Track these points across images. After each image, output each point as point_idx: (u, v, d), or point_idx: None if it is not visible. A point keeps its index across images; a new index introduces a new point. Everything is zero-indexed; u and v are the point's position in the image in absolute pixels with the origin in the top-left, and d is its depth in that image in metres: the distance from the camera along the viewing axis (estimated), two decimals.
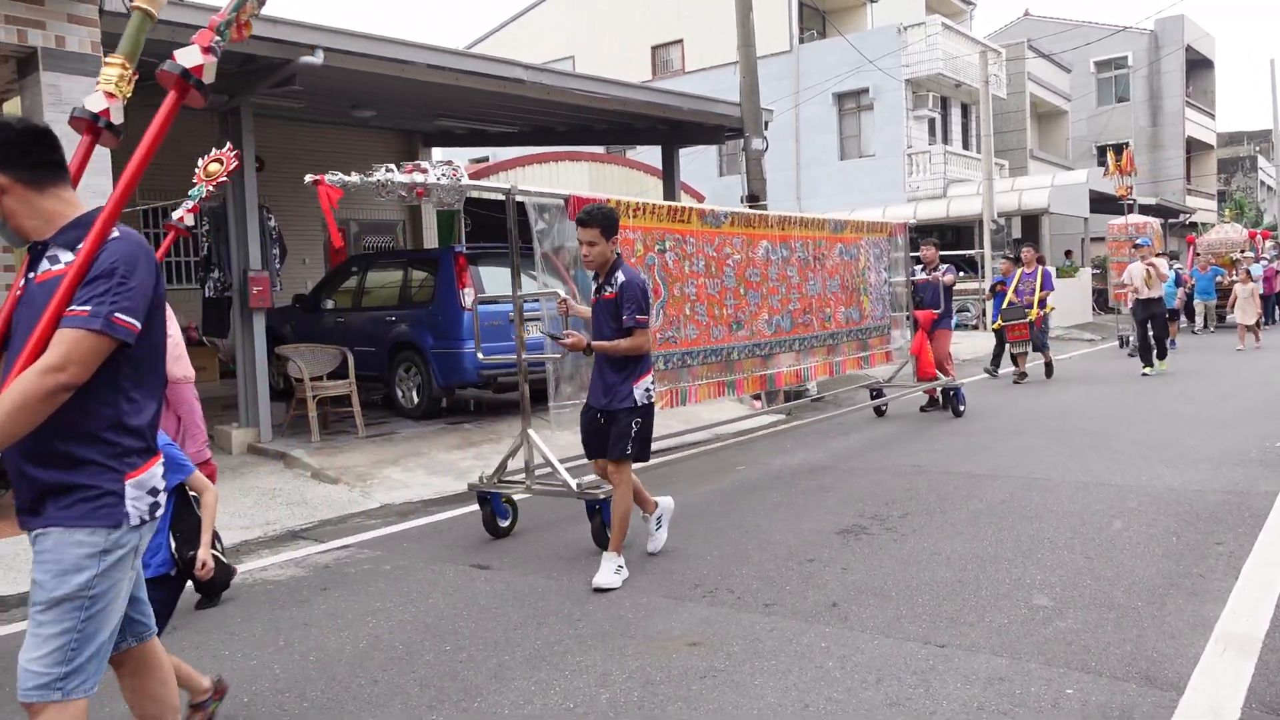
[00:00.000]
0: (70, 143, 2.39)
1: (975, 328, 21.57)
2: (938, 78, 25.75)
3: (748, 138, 11.10)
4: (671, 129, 12.73)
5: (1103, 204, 24.45)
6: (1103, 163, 32.67)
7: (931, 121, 26.78)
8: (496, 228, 17.88)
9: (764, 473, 7.39)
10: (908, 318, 10.30)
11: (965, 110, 28.18)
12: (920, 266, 10.44)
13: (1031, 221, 27.11)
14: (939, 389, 10.03)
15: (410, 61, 8.64)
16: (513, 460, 5.88)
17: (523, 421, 5.77)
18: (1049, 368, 13.04)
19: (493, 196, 12.34)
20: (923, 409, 10.27)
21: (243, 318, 8.65)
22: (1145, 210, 25.85)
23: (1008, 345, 12.94)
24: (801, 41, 27.49)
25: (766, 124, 11.66)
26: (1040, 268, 12.93)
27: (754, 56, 11.10)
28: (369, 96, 10.53)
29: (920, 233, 26.96)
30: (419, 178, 4.90)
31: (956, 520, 5.61)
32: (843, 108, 26.96)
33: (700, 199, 20.01)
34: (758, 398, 11.03)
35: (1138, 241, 13.21)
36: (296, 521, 6.23)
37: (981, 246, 22.07)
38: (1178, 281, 17.91)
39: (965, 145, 28.08)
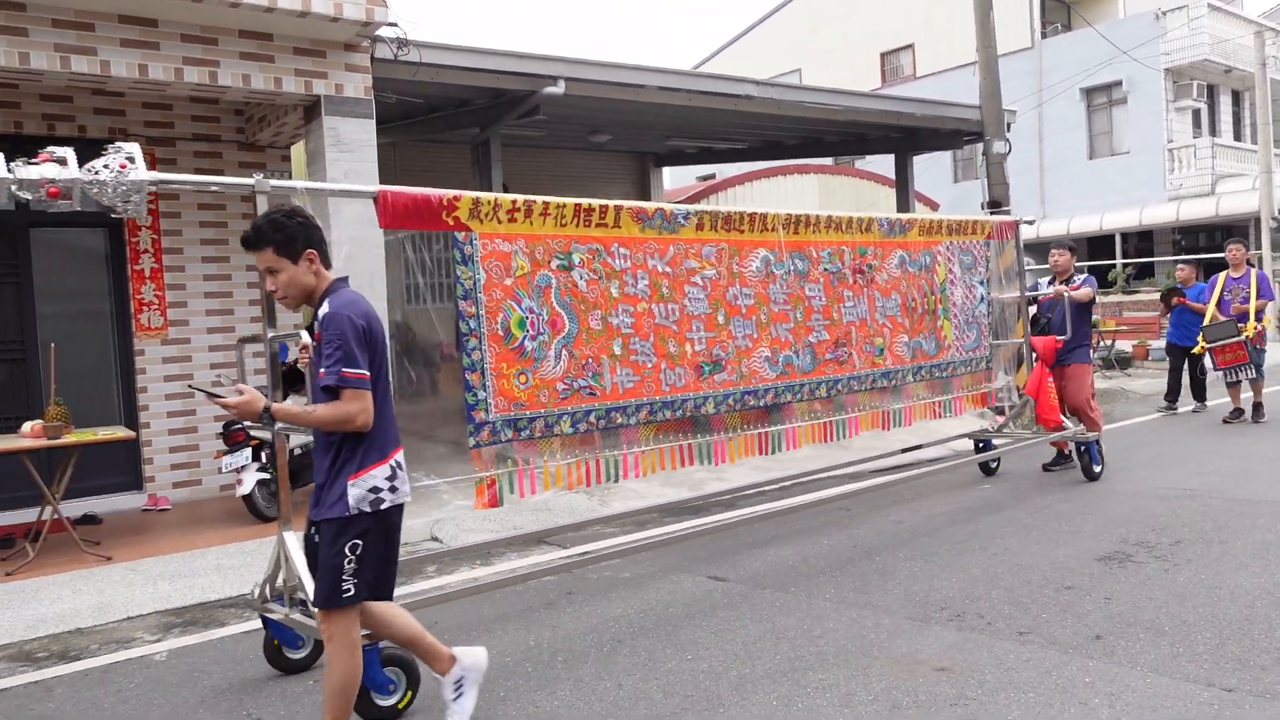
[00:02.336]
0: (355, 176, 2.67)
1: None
2: (1203, 64, 23.47)
3: (988, 141, 10.59)
4: (905, 136, 12.38)
5: None
6: None
7: (1196, 112, 24.44)
8: None
9: (1010, 491, 6.99)
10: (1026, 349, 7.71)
11: (1236, 98, 25.51)
12: (1048, 280, 7.98)
13: None
14: (1071, 441, 7.42)
15: (644, 85, 8.92)
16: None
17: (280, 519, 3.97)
18: (1258, 409, 9.66)
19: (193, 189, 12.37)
20: (1046, 467, 7.72)
21: None
22: None
23: (1220, 373, 9.72)
24: (1044, 36, 25.92)
25: (1009, 125, 11.09)
26: (1252, 270, 9.88)
27: (995, 57, 10.59)
28: (605, 120, 10.95)
29: (1183, 233, 24.59)
30: (53, 172, 3.55)
31: (1239, 551, 5.06)
32: (1092, 103, 25.13)
33: (935, 207, 19.27)
34: (1000, 411, 10.45)
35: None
36: (541, 526, 6.54)
37: (1259, 248, 19.85)
38: None
39: (1237, 136, 25.40)
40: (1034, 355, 7.45)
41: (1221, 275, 9.94)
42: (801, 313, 5.94)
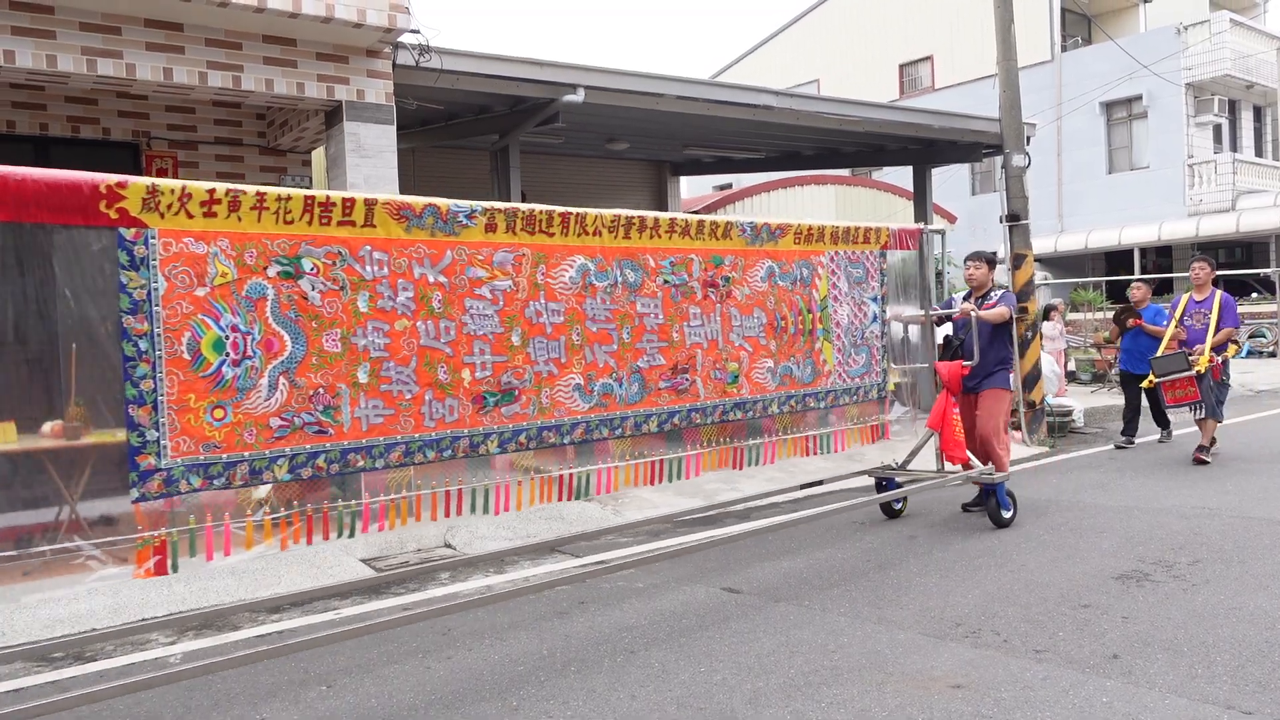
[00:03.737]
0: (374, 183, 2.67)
1: (1273, 355, 19.26)
2: (1225, 79, 23.34)
3: (1008, 154, 10.54)
4: (923, 148, 12.35)
5: None
6: None
7: (1217, 128, 24.29)
8: None
9: (1027, 508, 6.93)
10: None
11: (1258, 113, 25.36)
12: (963, 296, 7.02)
13: None
14: (980, 479, 6.36)
15: (662, 94, 8.94)
16: None
17: None
18: (1203, 449, 8.42)
19: None
20: (965, 507, 6.84)
21: None
22: None
23: (1165, 409, 8.84)
24: (1064, 49, 25.84)
25: (1028, 139, 11.04)
26: (1217, 292, 8.51)
27: (1015, 70, 10.55)
28: (623, 129, 10.98)
29: (1202, 249, 24.52)
30: None
31: (1260, 572, 5.01)
32: (1111, 117, 25.02)
33: (952, 220, 19.22)
34: (1016, 427, 10.40)
35: None
36: (554, 535, 6.53)
37: (1279, 265, 19.69)
38: None
39: (1259, 152, 25.23)
40: (938, 383, 6.53)
41: (1183, 297, 8.78)
42: (630, 333, 4.99)
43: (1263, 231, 21.61)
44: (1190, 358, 8.26)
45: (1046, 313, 12.79)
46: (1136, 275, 23.99)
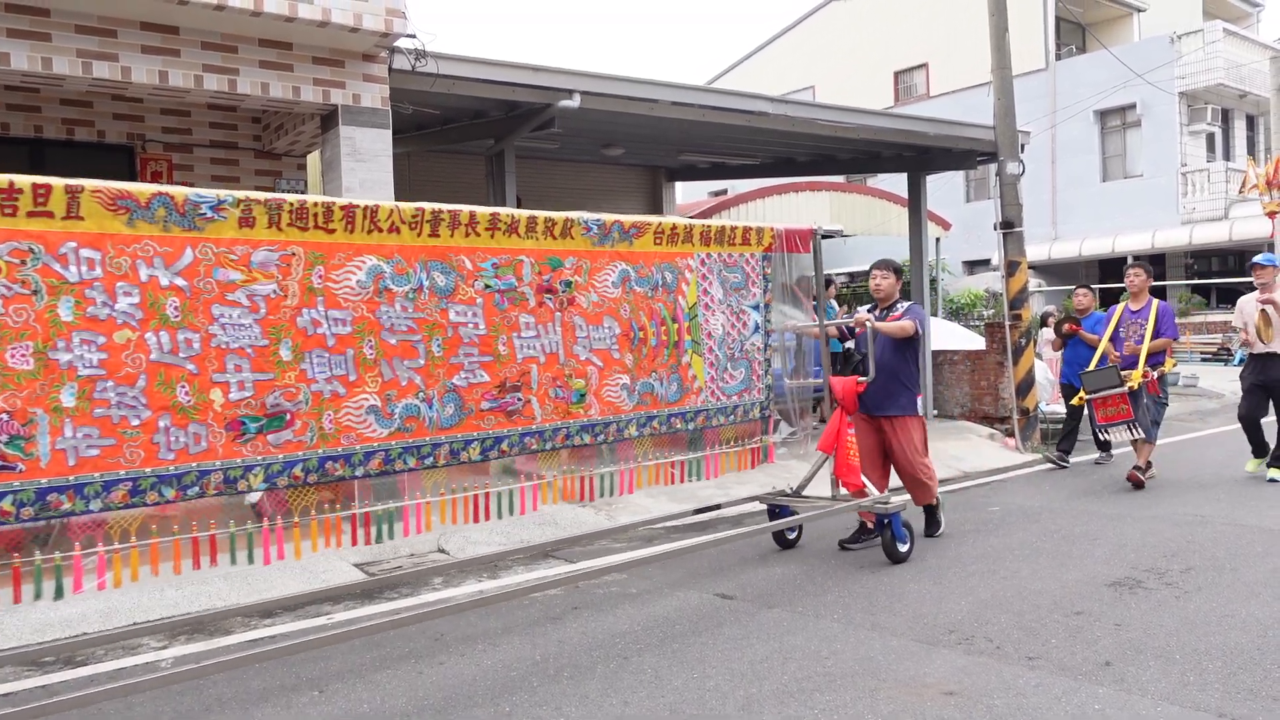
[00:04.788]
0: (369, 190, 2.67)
1: None
2: (1218, 88, 23.47)
3: (1002, 161, 10.58)
4: (918, 155, 12.38)
5: None
6: None
7: (1210, 136, 24.41)
8: None
9: (1021, 516, 6.95)
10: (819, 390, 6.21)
11: (1251, 122, 25.48)
12: (868, 308, 6.30)
13: None
14: (876, 510, 5.69)
15: (658, 100, 8.95)
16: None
17: None
18: (1140, 471, 7.79)
19: None
20: (843, 544, 6.04)
21: None
22: None
23: (1099, 428, 7.86)
24: (1059, 57, 25.96)
25: (1022, 147, 11.08)
26: (1155, 301, 7.88)
27: (1009, 78, 10.59)
28: (619, 134, 10.98)
29: (1195, 258, 24.37)
30: None
31: (1251, 579, 5.02)
32: (1105, 125, 25.12)
33: (946, 227, 19.27)
34: (1010, 434, 10.42)
35: (1257, 259, 7.81)
36: (548, 540, 6.53)
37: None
38: None
39: (1255, 162, 25.30)
40: (833, 401, 5.90)
41: (1119, 306, 8.21)
42: (441, 345, 4.34)
43: (1256, 240, 21.66)
44: (1122, 373, 7.64)
45: (1044, 320, 12.82)
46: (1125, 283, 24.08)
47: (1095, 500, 7.37)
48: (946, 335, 13.83)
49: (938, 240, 18.77)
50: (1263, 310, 7.58)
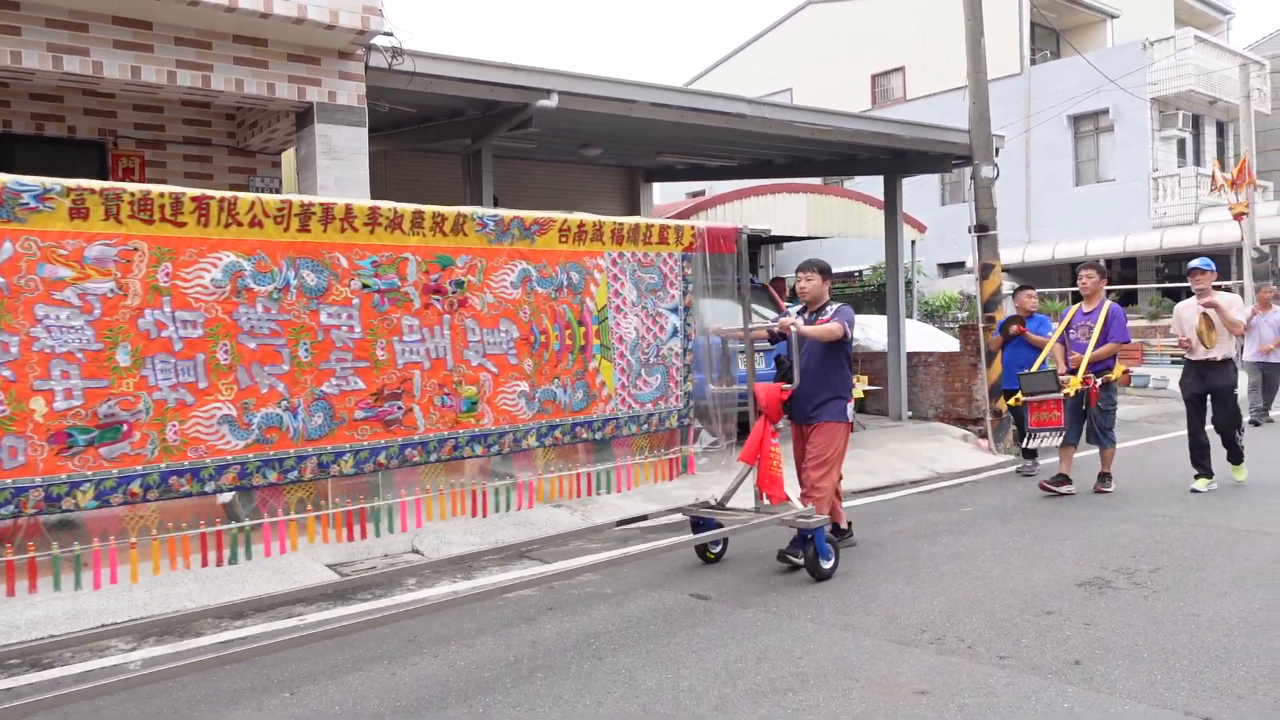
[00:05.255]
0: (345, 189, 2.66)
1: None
2: (1189, 95, 23.78)
3: (976, 165, 10.67)
4: (894, 158, 12.46)
5: None
6: None
7: (1181, 142, 24.72)
8: None
9: (993, 516, 7.01)
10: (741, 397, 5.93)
11: (1221, 129, 25.84)
12: (797, 310, 5.98)
13: None
14: (799, 524, 5.36)
15: (636, 100, 8.95)
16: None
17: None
18: (1103, 479, 7.70)
19: None
20: (783, 554, 5.61)
21: None
22: None
23: (1030, 432, 7.74)
24: (1034, 62, 26.20)
25: (997, 150, 11.18)
26: (1106, 303, 7.70)
27: (984, 82, 10.69)
28: (597, 135, 10.98)
29: (1166, 261, 24.52)
30: None
31: (1218, 579, 5.09)
32: (1079, 130, 25.38)
33: (922, 229, 19.42)
34: (983, 436, 10.51)
35: (1195, 264, 7.75)
36: (523, 540, 6.51)
37: (1240, 277, 20.07)
38: None
39: (1222, 167, 25.66)
40: (757, 409, 5.64)
41: (1072, 308, 8.07)
42: (309, 350, 4.01)
43: (1225, 244, 21.98)
44: (1061, 378, 7.45)
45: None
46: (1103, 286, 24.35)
47: (1066, 501, 7.44)
48: (921, 337, 13.94)
49: (913, 243, 18.92)
50: (1204, 314, 7.45)
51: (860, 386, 11.00)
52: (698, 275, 5.58)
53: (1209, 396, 7.67)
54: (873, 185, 15.85)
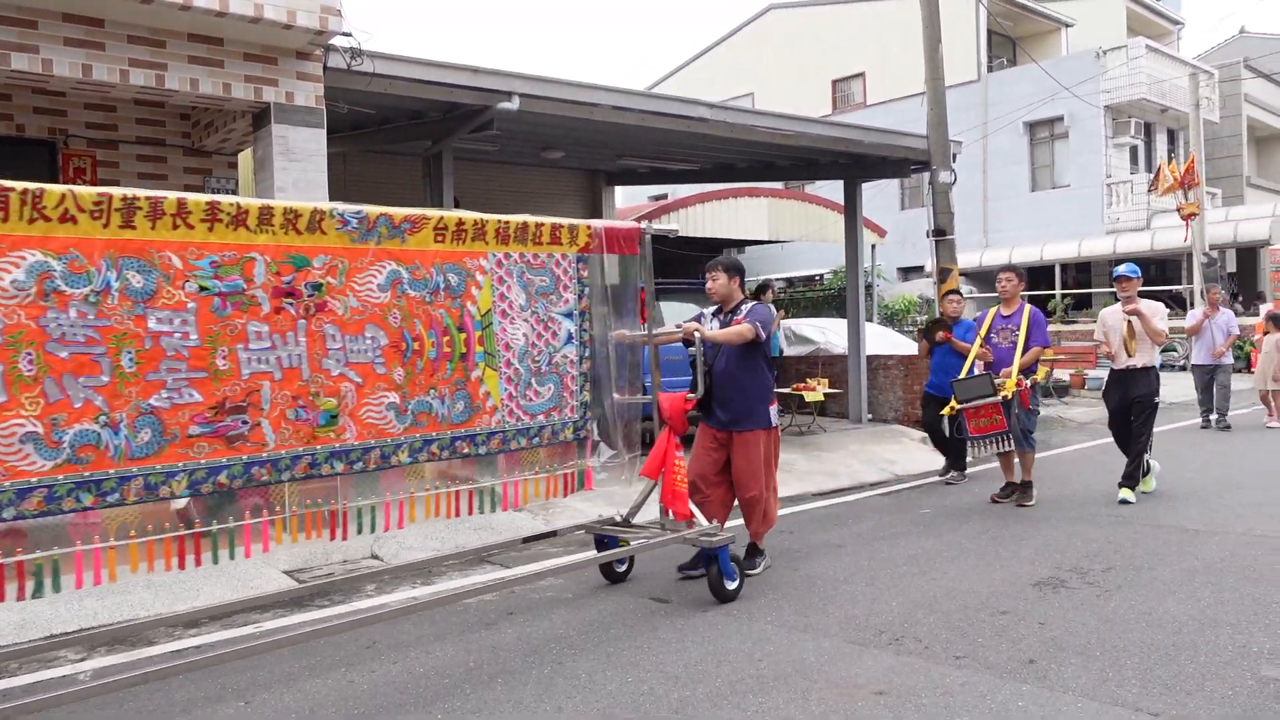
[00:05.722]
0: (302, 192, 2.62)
1: (1184, 369, 20.02)
2: (1141, 103, 24.29)
3: (935, 171, 10.81)
4: (854, 163, 12.58)
5: None
6: None
7: (1133, 149, 25.25)
8: (678, 263, 18.14)
9: (951, 517, 7.09)
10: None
11: (1172, 136, 26.41)
12: (711, 312, 5.65)
13: (1249, 255, 25.02)
14: (701, 543, 5.09)
15: (597, 104, 8.95)
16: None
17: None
18: (1024, 489, 7.51)
19: None
20: (682, 569, 5.54)
21: None
22: None
23: (971, 440, 7.37)
24: (990, 70, 26.61)
25: (955, 156, 11.33)
26: (1026, 306, 7.62)
27: (942, 89, 10.83)
28: (558, 138, 10.97)
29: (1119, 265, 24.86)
30: None
31: (1168, 578, 5.20)
32: (1034, 137, 25.82)
33: (882, 234, 19.62)
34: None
35: (1120, 271, 7.49)
36: (484, 545, 6.47)
37: (1190, 282, 20.52)
38: None
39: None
40: (662, 419, 5.35)
41: (990, 311, 7.83)
42: (135, 359, 3.60)
43: (1175, 250, 22.47)
44: (996, 381, 7.26)
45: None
46: (1059, 291, 24.78)
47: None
48: (881, 340, 14.07)
49: (873, 247, 19.10)
50: (1128, 322, 7.26)
51: (821, 389, 11.08)
52: (595, 278, 5.18)
53: (1131, 404, 7.43)
54: (833, 190, 15.98)
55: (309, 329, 4.05)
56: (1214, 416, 11.80)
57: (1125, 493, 7.37)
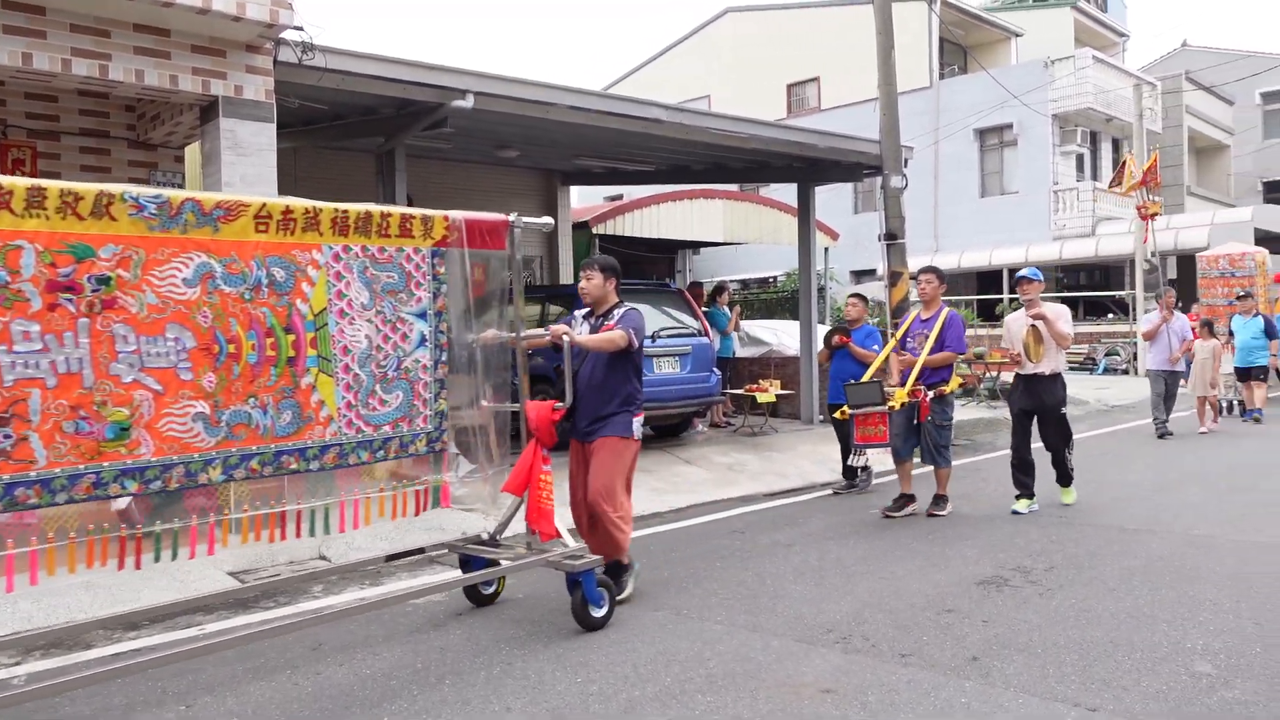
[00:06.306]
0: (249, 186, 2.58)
1: (1127, 372, 20.49)
2: (1087, 112, 24.82)
3: (887, 175, 10.95)
4: (808, 166, 12.69)
5: (1273, 242, 22.90)
6: (1270, 199, 30.79)
7: (1080, 157, 25.80)
8: (633, 264, 18.14)
9: (895, 518, 7.17)
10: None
11: (1116, 145, 27.02)
12: (584, 312, 5.28)
13: (1189, 262, 25.63)
14: (563, 567, 4.66)
15: (553, 103, 8.93)
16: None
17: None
18: (937, 501, 7.19)
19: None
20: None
21: None
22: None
23: (856, 447, 7.30)
24: (942, 77, 27.01)
25: (906, 161, 11.48)
26: (945, 309, 7.24)
27: (895, 94, 10.97)
28: (513, 137, 10.93)
29: (1065, 271, 25.38)
30: None
31: (1107, 576, 5.32)
32: (984, 144, 26.27)
33: (835, 237, 19.81)
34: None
35: (1022, 274, 7.24)
36: (432, 544, 6.42)
37: (1133, 288, 21.02)
38: (1269, 332, 12.96)
39: (1119, 175, 26.88)
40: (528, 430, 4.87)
41: (910, 315, 7.56)
42: None
43: (1119, 256, 23.01)
44: (887, 389, 6.93)
45: None
46: (1006, 295, 25.21)
47: (967, 502, 7.67)
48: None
49: (826, 250, 19.28)
50: (1032, 326, 6.99)
51: (773, 390, 11.15)
52: (455, 275, 4.66)
53: (1037, 413, 7.22)
54: (788, 193, 16.11)
55: (93, 329, 3.53)
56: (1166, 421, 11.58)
57: (1066, 494, 7.37)
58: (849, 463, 8.22)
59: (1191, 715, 3.44)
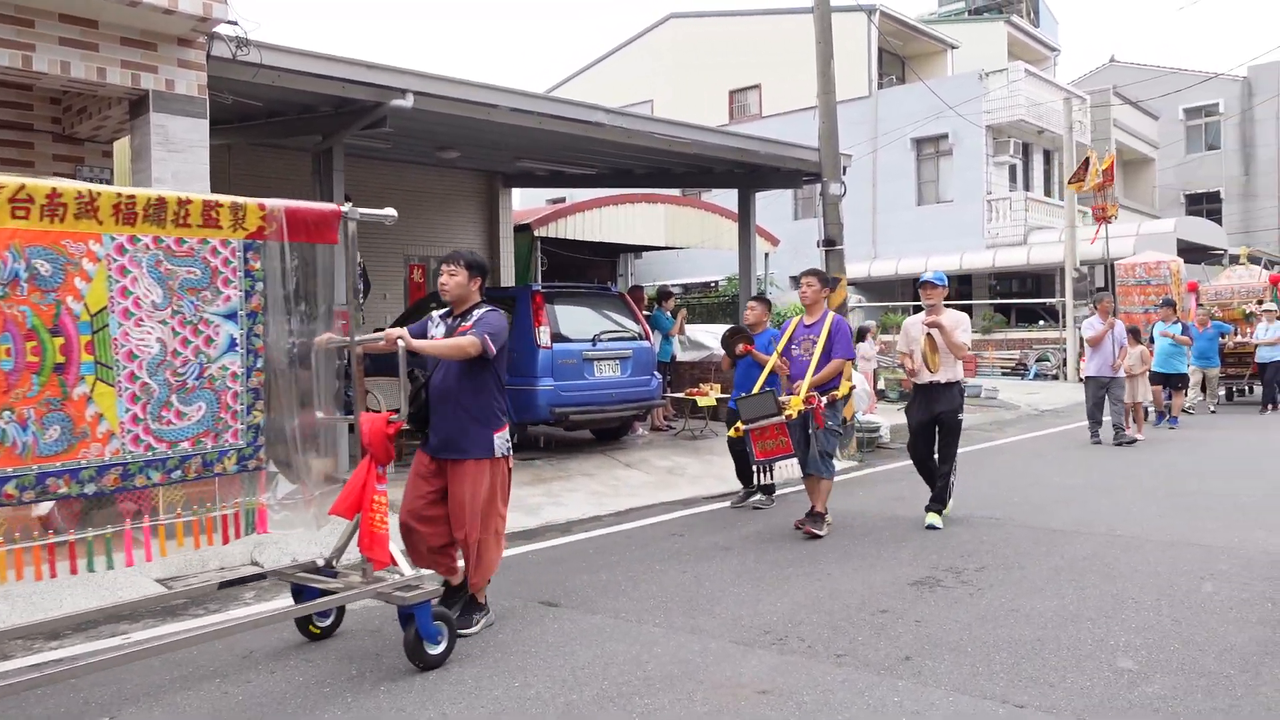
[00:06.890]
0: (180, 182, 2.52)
1: (1057, 378, 21.05)
2: (1019, 124, 25.47)
3: (825, 182, 11.10)
4: (748, 173, 12.81)
5: (1195, 253, 23.75)
6: (1192, 211, 31.90)
7: (1012, 168, 26.47)
8: (575, 267, 18.10)
9: (836, 520, 7.26)
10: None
11: (1048, 157, 27.78)
12: (442, 313, 4.72)
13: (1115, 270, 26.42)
14: (395, 599, 4.14)
15: (495, 105, 8.88)
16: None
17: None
18: (813, 518, 6.67)
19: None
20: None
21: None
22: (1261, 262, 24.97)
23: (759, 464, 6.74)
24: (881, 87, 27.48)
25: (845, 169, 11.66)
26: (830, 314, 6.93)
27: (834, 103, 11.13)
28: (454, 138, 10.84)
29: (998, 279, 25.77)
30: None
31: (1035, 576, 5.45)
32: (921, 153, 26.81)
33: (775, 242, 20.02)
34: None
35: (925, 278, 6.94)
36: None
37: (1063, 295, 21.60)
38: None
39: (1047, 192, 27.61)
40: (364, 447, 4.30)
41: (793, 320, 7.15)
42: None
43: (1050, 264, 23.65)
44: (780, 398, 6.63)
45: (861, 334, 13.46)
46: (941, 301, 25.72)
47: (903, 505, 7.80)
48: (772, 347, 14.28)
49: (766, 255, 19.47)
50: (928, 335, 6.66)
51: (713, 394, 11.22)
52: (274, 271, 4.11)
53: (936, 423, 6.94)
54: (729, 198, 16.25)
55: None
56: (1114, 431, 11.27)
57: (932, 517, 6.84)
58: (757, 484, 7.73)
59: (1114, 710, 3.54)
